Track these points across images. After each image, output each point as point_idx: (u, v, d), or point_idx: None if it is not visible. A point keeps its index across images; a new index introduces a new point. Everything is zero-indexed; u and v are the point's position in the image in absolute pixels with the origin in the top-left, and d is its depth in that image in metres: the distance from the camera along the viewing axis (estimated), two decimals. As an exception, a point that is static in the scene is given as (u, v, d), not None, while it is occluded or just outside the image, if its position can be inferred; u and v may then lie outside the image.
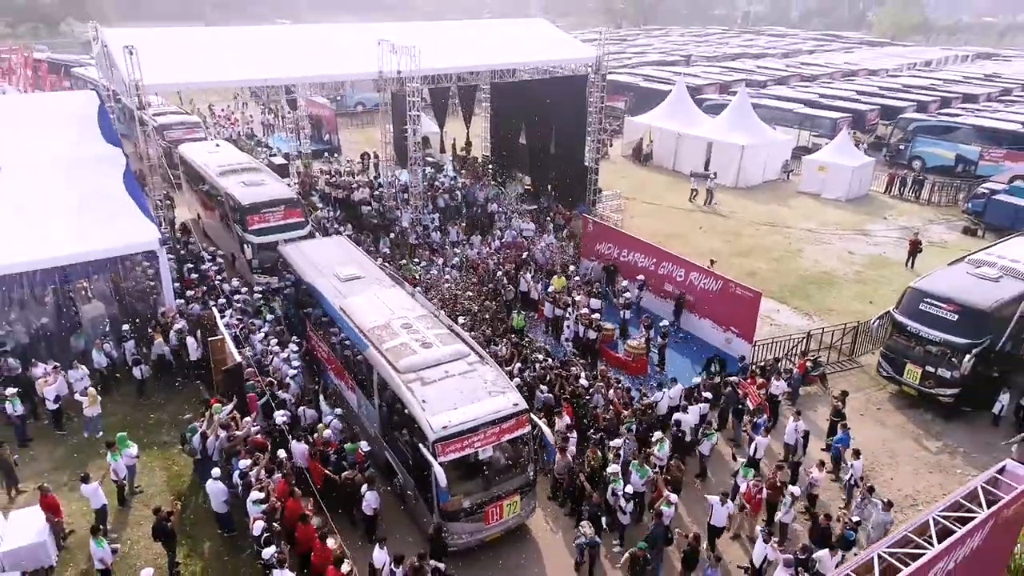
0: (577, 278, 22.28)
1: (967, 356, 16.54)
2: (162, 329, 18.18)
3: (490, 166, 34.11)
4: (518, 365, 16.75)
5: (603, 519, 13.10)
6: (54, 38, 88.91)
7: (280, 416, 14.67)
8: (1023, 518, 8.50)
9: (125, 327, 18.09)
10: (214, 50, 23.36)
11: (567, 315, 19.50)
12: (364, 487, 13.00)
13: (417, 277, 21.61)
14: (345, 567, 11.05)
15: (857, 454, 14.29)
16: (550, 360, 17.51)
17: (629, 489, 13.18)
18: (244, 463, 13.13)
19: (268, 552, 11.25)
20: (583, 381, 16.17)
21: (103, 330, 18.34)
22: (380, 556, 11.57)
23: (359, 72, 23.62)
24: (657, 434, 14.76)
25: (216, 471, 12.92)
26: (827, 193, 34.30)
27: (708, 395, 16.18)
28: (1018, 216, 28.52)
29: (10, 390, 15.05)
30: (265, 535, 11.43)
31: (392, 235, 25.47)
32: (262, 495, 12.24)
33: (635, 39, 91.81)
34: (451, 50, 26.82)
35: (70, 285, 18.52)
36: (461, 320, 17.88)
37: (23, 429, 15.35)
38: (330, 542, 11.74)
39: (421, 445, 12.11)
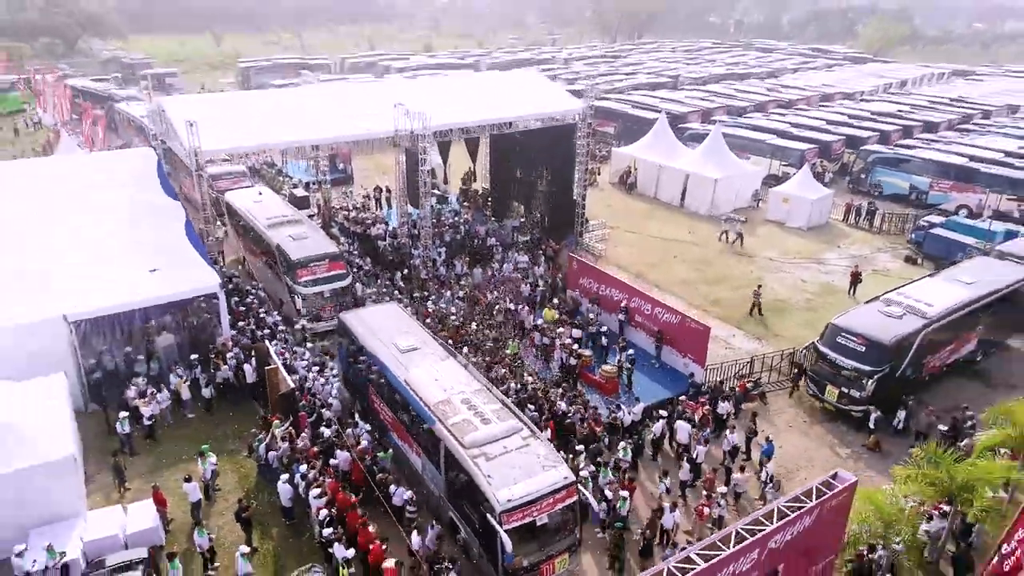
0: (564, 316, 26.30)
1: (870, 381, 20.77)
2: (221, 356, 22.36)
3: (489, 199, 38.24)
4: (513, 385, 20.92)
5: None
6: (72, 56, 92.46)
7: (327, 431, 18.87)
8: (847, 507, 12.62)
9: (193, 356, 22.25)
10: (254, 114, 27.49)
11: (554, 345, 23.62)
12: (393, 485, 17.20)
13: (429, 310, 25.77)
14: (389, 563, 14.97)
15: (768, 458, 18.50)
16: (538, 383, 21.69)
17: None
18: (303, 468, 17.31)
19: (328, 532, 15.44)
20: (561, 404, 20.24)
21: (174, 358, 22.52)
22: (416, 539, 15.74)
23: (378, 132, 27.73)
24: (622, 444, 18.98)
25: (284, 476, 17.07)
26: (790, 222, 38.48)
27: (663, 412, 20.38)
28: (951, 248, 32.61)
29: (123, 413, 19.24)
30: (326, 520, 15.63)
31: (405, 271, 29.56)
32: (319, 491, 16.43)
33: (628, 55, 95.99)
34: (455, 105, 30.99)
35: (147, 322, 22.58)
36: (466, 349, 22.10)
37: (130, 443, 19.49)
38: (371, 528, 15.93)
39: (488, 515, 14.31)
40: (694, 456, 18.88)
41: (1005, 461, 15.20)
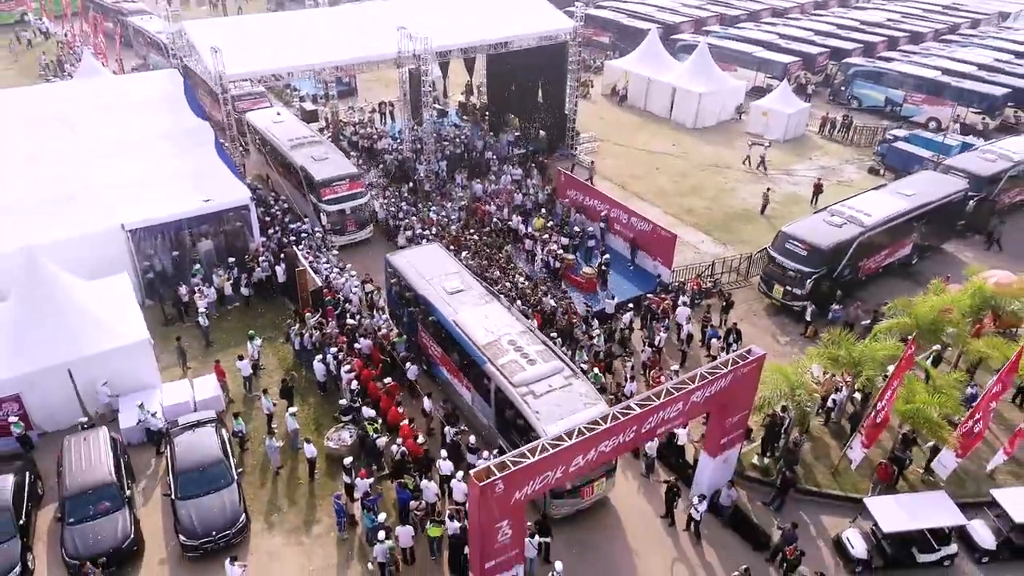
0: (552, 223, 29.67)
1: (809, 280, 24.45)
2: (255, 260, 25.95)
3: (487, 114, 40.77)
4: (505, 284, 24.60)
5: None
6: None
7: (350, 320, 22.73)
8: (757, 374, 16.47)
9: (231, 259, 25.83)
10: (272, 37, 29.83)
11: (536, 249, 27.18)
12: (408, 363, 21.20)
13: (434, 219, 29.14)
14: (404, 421, 19.16)
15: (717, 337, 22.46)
16: (527, 281, 25.40)
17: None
18: (333, 350, 21.24)
19: (357, 400, 19.53)
20: (548, 300, 23.98)
21: (213, 261, 26.11)
22: (428, 403, 19.87)
23: (384, 53, 30.23)
24: (596, 331, 22.87)
25: (318, 357, 21.01)
26: (769, 134, 41.13)
27: (631, 305, 24.19)
28: (910, 161, 35.50)
29: (201, 308, 23.35)
30: (356, 389, 19.71)
31: (410, 184, 32.68)
32: (348, 367, 20.42)
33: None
34: (455, 26, 33.16)
35: (188, 230, 25.95)
36: (464, 253, 25.66)
37: (207, 332, 23.39)
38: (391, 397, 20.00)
39: None
40: (656, 342, 22.78)
41: (892, 342, 18.91)
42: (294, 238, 27.40)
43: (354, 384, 19.92)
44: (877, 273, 27.26)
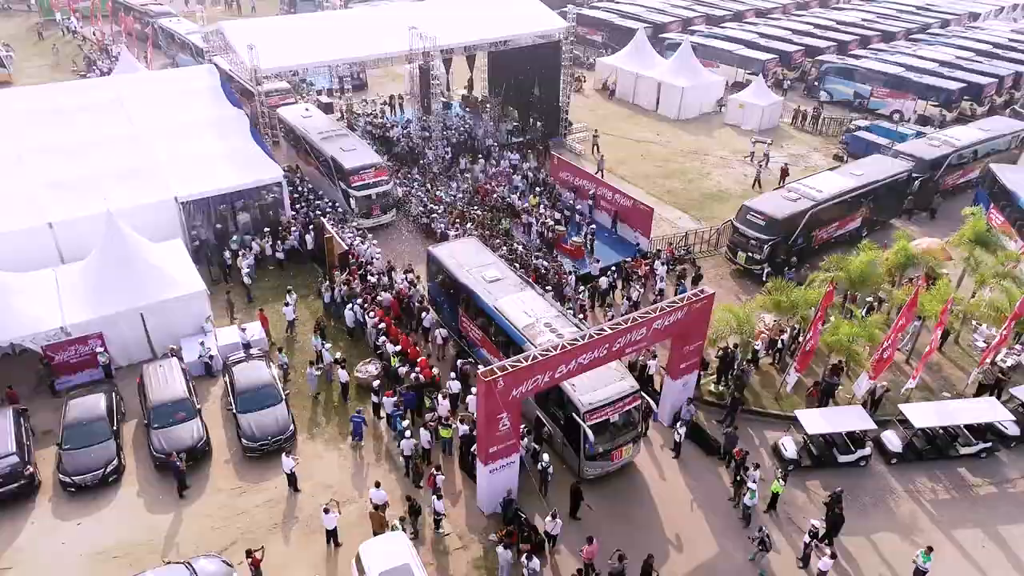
0: (546, 201, 33.60)
1: (766, 246, 28.39)
2: (287, 230, 29.84)
3: (487, 105, 44.69)
4: (504, 252, 28.48)
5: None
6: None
7: (372, 279, 26.66)
8: (708, 310, 20.36)
9: (266, 228, 29.72)
10: (298, 36, 33.79)
11: (531, 222, 31.13)
12: (424, 313, 25.13)
13: (442, 197, 33.05)
14: (422, 357, 23.07)
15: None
16: (523, 248, 29.34)
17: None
18: (359, 302, 25.15)
19: (381, 340, 23.46)
20: (543, 262, 27.92)
21: (250, 230, 30.00)
22: (437, 331, 23.86)
23: (398, 51, 34.20)
24: (581, 288, 26.79)
25: (348, 306, 24.94)
26: (744, 125, 45.09)
27: (613, 268, 28.15)
28: (869, 148, 39.34)
29: (245, 269, 27.36)
30: (380, 332, 23.65)
31: (419, 167, 36.61)
32: (373, 313, 24.35)
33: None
34: (458, 26, 37.06)
35: (229, 204, 29.83)
36: (469, 225, 29.56)
37: (249, 288, 27.34)
38: (409, 338, 23.94)
39: (574, 414, 18.41)
40: (633, 296, 26.71)
41: (822, 288, 22.78)
42: (320, 212, 31.30)
43: (380, 325, 23.86)
44: (829, 243, 31.14)
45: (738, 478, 19.64)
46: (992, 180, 33.21)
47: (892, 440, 21.07)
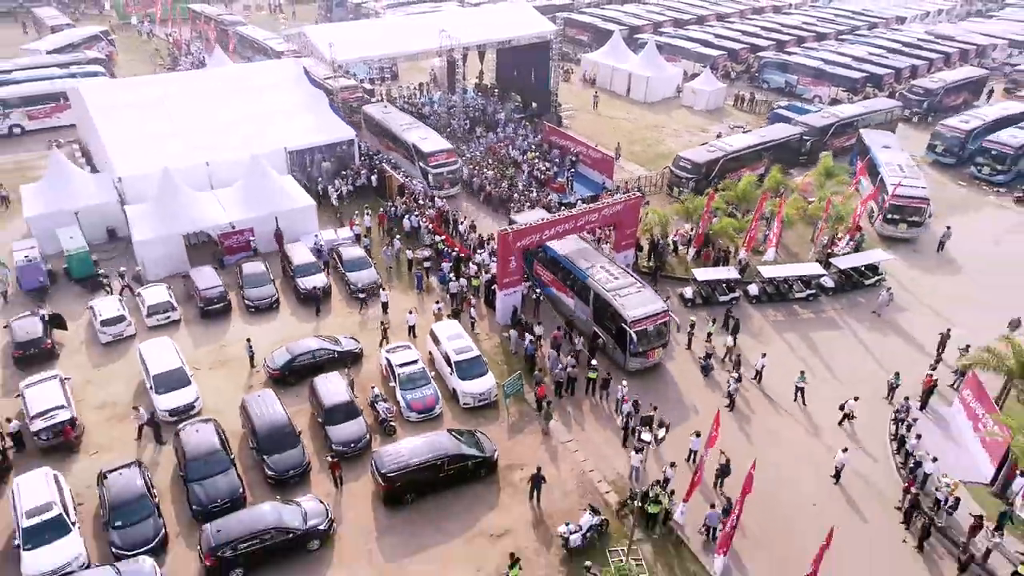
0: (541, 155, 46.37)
1: (691, 182, 41.18)
2: (357, 173, 42.58)
3: (496, 90, 57.46)
4: (508, 191, 41.16)
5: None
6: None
7: (420, 201, 39.50)
8: (638, 207, 32.90)
9: (343, 172, 42.43)
10: (358, 36, 46.53)
11: (527, 169, 43.96)
12: (458, 223, 37.90)
13: (466, 154, 45.83)
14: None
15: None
16: (520, 185, 42.16)
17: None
18: (415, 214, 37.92)
19: (430, 239, 36.32)
20: (534, 195, 40.75)
21: (332, 172, 42.71)
22: (462, 227, 36.70)
23: (430, 48, 47.01)
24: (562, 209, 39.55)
25: (407, 216, 37.73)
26: (696, 106, 57.88)
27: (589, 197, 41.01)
28: (786, 122, 52.07)
29: (332, 193, 39.87)
30: (429, 231, 36.51)
31: (446, 134, 49.39)
32: (424, 220, 37.17)
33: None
34: (473, 29, 49.86)
35: (316, 154, 42.46)
36: (486, 170, 42.39)
37: (340, 211, 40.11)
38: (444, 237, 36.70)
39: (623, 324, 26.91)
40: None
41: (720, 202, 35.51)
42: (379, 161, 44.07)
43: (427, 228, 36.73)
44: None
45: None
46: (859, 140, 45.97)
47: (752, 289, 33.81)
